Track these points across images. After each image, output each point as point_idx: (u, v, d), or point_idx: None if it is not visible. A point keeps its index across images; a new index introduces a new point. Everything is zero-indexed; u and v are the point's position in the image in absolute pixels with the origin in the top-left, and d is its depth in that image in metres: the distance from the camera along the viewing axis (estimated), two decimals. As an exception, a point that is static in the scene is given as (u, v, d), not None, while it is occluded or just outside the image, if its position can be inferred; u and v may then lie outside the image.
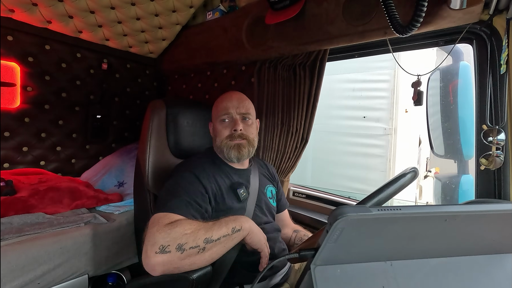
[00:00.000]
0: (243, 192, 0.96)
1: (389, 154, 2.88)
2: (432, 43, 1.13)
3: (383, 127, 2.91)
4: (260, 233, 0.84)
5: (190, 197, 0.82)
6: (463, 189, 1.65)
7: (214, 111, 1.03)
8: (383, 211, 0.37)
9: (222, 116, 0.99)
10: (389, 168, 2.87)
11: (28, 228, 1.11)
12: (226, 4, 1.61)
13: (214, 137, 1.02)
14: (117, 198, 1.49)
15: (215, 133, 1.02)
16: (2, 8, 1.34)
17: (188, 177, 0.89)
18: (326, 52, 1.28)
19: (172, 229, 0.69)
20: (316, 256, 0.41)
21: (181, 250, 0.67)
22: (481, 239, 0.46)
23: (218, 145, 0.99)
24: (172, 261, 0.67)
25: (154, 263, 0.66)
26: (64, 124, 1.71)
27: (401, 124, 2.90)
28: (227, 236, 0.74)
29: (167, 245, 0.67)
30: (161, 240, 0.67)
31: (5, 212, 1.18)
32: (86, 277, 1.17)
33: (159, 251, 0.66)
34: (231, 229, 0.76)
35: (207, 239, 0.71)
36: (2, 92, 1.45)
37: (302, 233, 1.16)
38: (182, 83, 1.99)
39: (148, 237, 0.69)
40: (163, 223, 0.72)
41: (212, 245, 0.71)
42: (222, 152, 0.98)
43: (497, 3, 0.85)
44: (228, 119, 0.99)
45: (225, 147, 0.97)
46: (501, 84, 0.93)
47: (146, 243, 0.69)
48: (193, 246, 0.69)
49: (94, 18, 1.52)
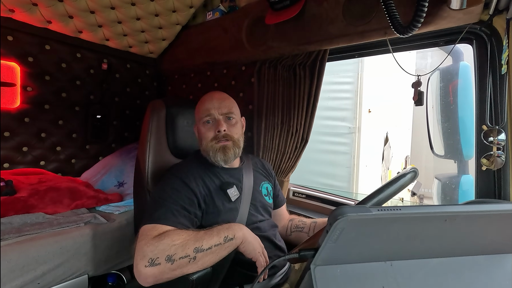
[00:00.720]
0: (234, 192, 0.94)
1: (354, 151, 3.10)
2: (432, 43, 1.13)
3: (348, 126, 3.13)
4: (255, 241, 0.83)
5: (177, 204, 0.81)
6: (463, 189, 1.65)
7: (197, 114, 1.00)
8: (383, 211, 0.37)
9: (204, 118, 0.96)
10: (353, 164, 3.08)
11: (28, 228, 1.11)
12: (226, 4, 1.61)
13: (200, 140, 0.99)
14: (117, 198, 1.49)
15: (200, 136, 0.99)
16: (2, 8, 1.34)
17: (174, 183, 0.87)
18: (326, 52, 1.28)
19: (159, 241, 0.69)
20: (316, 256, 0.41)
21: (171, 261, 0.68)
22: (481, 239, 0.46)
23: (204, 148, 0.97)
24: (163, 272, 0.68)
25: (145, 276, 0.67)
26: (64, 124, 1.71)
27: (364, 123, 3.12)
28: (219, 245, 0.74)
29: (156, 257, 0.67)
30: (149, 253, 0.68)
31: (5, 212, 1.18)
32: (86, 277, 1.17)
33: (149, 264, 0.67)
34: (223, 238, 0.75)
35: (197, 248, 0.71)
36: (2, 92, 1.45)
37: (297, 219, 1.16)
38: (182, 83, 1.99)
39: (138, 250, 0.70)
40: (151, 236, 0.72)
41: (202, 254, 0.71)
42: (209, 155, 0.96)
43: (497, 3, 0.85)
44: (211, 120, 0.96)
45: (211, 150, 0.94)
46: (501, 84, 0.93)
47: (136, 257, 0.69)
48: (183, 256, 0.69)
49: (94, 18, 1.52)
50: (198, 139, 1.01)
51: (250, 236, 0.81)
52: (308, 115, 1.35)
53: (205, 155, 0.98)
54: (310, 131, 1.38)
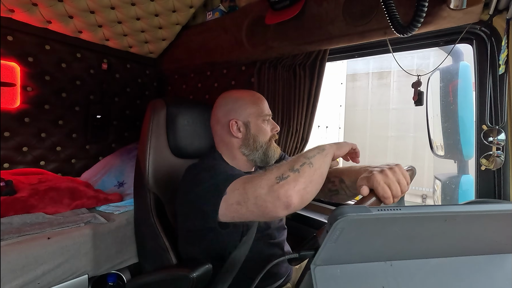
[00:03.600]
0: None
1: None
2: (432, 43, 1.13)
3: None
4: (345, 144, 0.76)
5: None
6: (463, 189, 1.65)
7: (252, 108, 0.93)
8: (383, 211, 0.37)
9: (265, 115, 0.93)
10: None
11: (28, 228, 1.11)
12: (226, 4, 1.61)
13: (250, 136, 0.92)
14: (117, 198, 1.49)
15: (256, 132, 0.92)
16: (2, 8, 1.34)
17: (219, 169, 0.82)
18: (326, 52, 1.28)
19: (271, 169, 0.67)
20: (316, 256, 0.41)
21: (294, 170, 0.63)
22: (481, 239, 0.46)
23: (258, 144, 0.91)
24: (297, 182, 0.62)
25: (285, 192, 0.61)
26: (64, 124, 1.71)
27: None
28: (318, 153, 0.69)
29: (281, 174, 0.63)
30: (271, 178, 0.63)
31: (5, 212, 1.18)
32: (86, 277, 1.17)
33: (279, 179, 0.62)
34: (316, 149, 0.70)
35: (305, 156, 0.67)
36: (2, 92, 1.45)
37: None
38: (182, 83, 1.99)
39: (256, 187, 0.64)
40: (257, 174, 0.68)
41: (313, 159, 0.67)
42: (259, 152, 0.92)
43: (497, 3, 0.85)
44: (269, 118, 0.96)
45: (269, 148, 0.92)
46: (501, 84, 0.93)
47: (258, 190, 0.63)
48: (302, 164, 0.64)
49: (94, 18, 1.52)
50: (241, 136, 0.93)
51: (336, 144, 0.74)
52: (308, 115, 1.35)
53: (251, 150, 0.92)
54: (310, 131, 1.38)
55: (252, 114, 0.93)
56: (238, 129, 0.92)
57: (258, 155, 0.93)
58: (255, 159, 0.93)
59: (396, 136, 5.57)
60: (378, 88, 5.81)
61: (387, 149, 5.64)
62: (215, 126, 0.98)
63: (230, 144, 0.94)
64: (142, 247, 1.20)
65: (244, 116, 0.92)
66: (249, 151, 0.93)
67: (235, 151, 0.94)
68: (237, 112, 0.93)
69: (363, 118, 5.98)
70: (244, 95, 0.96)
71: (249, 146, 0.92)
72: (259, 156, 0.93)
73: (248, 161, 0.95)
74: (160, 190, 1.09)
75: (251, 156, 0.93)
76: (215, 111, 0.98)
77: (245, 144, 0.93)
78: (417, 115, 5.22)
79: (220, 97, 1.00)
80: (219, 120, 0.96)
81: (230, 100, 0.95)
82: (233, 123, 0.92)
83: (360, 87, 6.03)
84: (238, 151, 0.94)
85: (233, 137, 0.93)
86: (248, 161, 0.96)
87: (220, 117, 0.95)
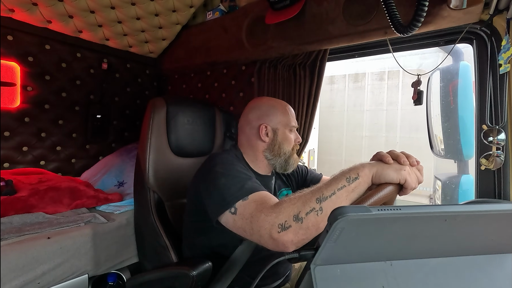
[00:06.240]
0: None
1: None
2: (432, 43, 1.13)
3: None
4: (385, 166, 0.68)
5: (253, 179, 0.80)
6: (463, 189, 1.65)
7: (283, 116, 0.97)
8: (383, 211, 0.37)
9: (293, 125, 0.99)
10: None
11: (28, 227, 1.11)
12: (226, 4, 1.61)
13: (276, 142, 0.96)
14: (117, 197, 1.49)
15: (282, 140, 0.96)
16: (2, 8, 1.34)
17: (234, 166, 0.84)
18: (326, 52, 1.28)
19: (279, 206, 0.67)
20: (316, 256, 0.41)
21: (299, 220, 0.64)
22: (481, 239, 0.46)
23: (280, 151, 0.95)
24: (297, 233, 0.64)
25: (282, 242, 0.64)
26: (64, 124, 1.71)
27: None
28: (343, 187, 0.66)
29: (284, 221, 0.65)
30: (275, 219, 0.65)
31: (5, 212, 1.18)
32: (86, 277, 1.17)
33: (280, 229, 0.64)
34: (346, 179, 0.67)
35: (318, 198, 0.65)
36: (2, 92, 1.45)
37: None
38: (182, 83, 1.99)
39: (261, 222, 0.67)
40: (265, 206, 0.69)
41: (327, 202, 0.65)
42: (281, 159, 0.95)
43: (497, 3, 0.85)
44: (295, 130, 1.01)
45: (291, 157, 0.97)
46: (501, 84, 0.93)
47: (262, 230, 0.66)
48: (309, 211, 0.65)
49: (94, 18, 1.52)
50: (266, 140, 0.96)
51: (375, 167, 0.69)
52: (308, 115, 1.35)
53: (274, 156, 0.96)
54: (310, 131, 1.38)
55: (281, 122, 0.97)
56: (266, 134, 0.96)
57: (280, 161, 0.96)
58: (276, 164, 0.97)
59: (370, 136, 6.02)
60: (353, 91, 6.25)
61: (362, 147, 6.06)
62: (244, 126, 1.01)
63: (255, 146, 0.97)
64: (142, 245, 1.20)
65: (274, 123, 0.97)
66: (272, 156, 0.96)
67: (259, 154, 0.97)
68: (268, 118, 0.97)
69: (340, 119, 6.39)
70: (277, 104, 1.00)
71: (273, 151, 0.96)
72: (280, 162, 0.96)
73: (268, 165, 0.99)
74: (160, 188, 1.10)
75: (272, 161, 0.97)
76: (247, 112, 1.01)
77: (270, 148, 0.96)
78: (388, 117, 5.68)
79: (254, 101, 1.04)
80: (249, 122, 0.99)
81: (264, 106, 0.99)
82: (263, 128, 0.96)
83: (338, 89, 6.43)
84: (261, 154, 0.97)
85: (260, 141, 0.97)
86: (269, 165, 0.99)
87: (251, 119, 0.99)
